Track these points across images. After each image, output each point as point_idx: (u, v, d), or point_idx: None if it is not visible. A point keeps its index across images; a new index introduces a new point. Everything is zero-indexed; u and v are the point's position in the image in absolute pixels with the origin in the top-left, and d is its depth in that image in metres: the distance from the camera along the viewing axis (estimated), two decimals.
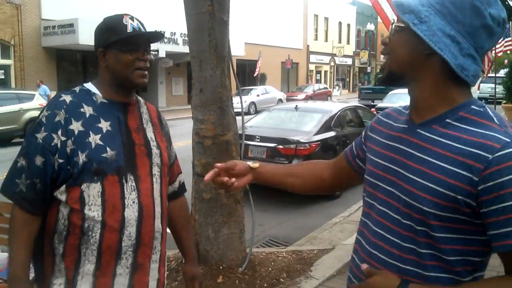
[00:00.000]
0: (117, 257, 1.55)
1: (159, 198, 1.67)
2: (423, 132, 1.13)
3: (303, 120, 7.84)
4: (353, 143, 1.46)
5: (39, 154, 1.50)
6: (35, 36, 20.21)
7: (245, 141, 4.43)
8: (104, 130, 1.57)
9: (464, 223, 1.05)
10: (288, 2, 36.40)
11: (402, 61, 1.13)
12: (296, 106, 8.39)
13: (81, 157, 1.51)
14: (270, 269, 4.02)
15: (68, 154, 1.50)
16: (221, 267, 3.84)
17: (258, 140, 7.18)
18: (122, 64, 1.57)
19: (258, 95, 24.92)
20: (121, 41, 1.56)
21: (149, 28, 1.72)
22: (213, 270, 3.81)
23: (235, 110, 3.99)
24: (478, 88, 26.82)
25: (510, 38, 14.27)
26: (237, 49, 26.26)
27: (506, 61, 20.59)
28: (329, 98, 30.86)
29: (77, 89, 1.64)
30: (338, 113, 7.96)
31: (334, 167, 1.50)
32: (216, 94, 3.75)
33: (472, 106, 1.10)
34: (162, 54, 23.24)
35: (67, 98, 1.58)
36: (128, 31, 1.57)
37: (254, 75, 28.14)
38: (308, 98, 26.93)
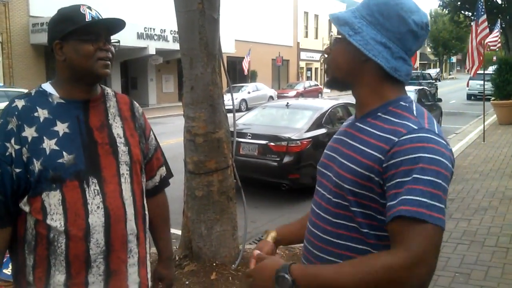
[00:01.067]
0: (87, 266, 1.47)
1: (131, 198, 1.56)
2: (359, 124, 1.29)
3: (294, 117, 7.86)
4: None
5: None
6: (23, 33, 20.02)
7: (236, 138, 4.44)
8: (61, 133, 1.47)
9: (375, 202, 1.17)
10: None
11: (342, 68, 1.28)
12: (287, 103, 8.40)
13: (37, 165, 1.42)
14: None
15: (25, 163, 1.42)
16: (214, 264, 3.86)
17: (250, 137, 7.19)
18: (83, 55, 1.46)
19: (249, 92, 24.91)
20: (80, 30, 1.45)
21: (140, 25, 1.64)
22: (206, 267, 3.83)
23: (226, 107, 4.00)
24: (467, 85, 27.06)
25: (497, 34, 14.37)
26: (228, 46, 26.24)
27: (494, 58, 20.76)
28: (320, 95, 30.92)
29: (33, 91, 1.54)
30: (329, 110, 7.98)
31: None
32: (207, 92, 3.76)
33: (401, 102, 1.24)
34: (152, 51, 23.14)
35: (20, 103, 1.47)
36: (86, 19, 1.46)
37: (245, 73, 28.01)
38: (299, 95, 26.97)
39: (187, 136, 3.87)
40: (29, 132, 1.44)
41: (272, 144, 7.00)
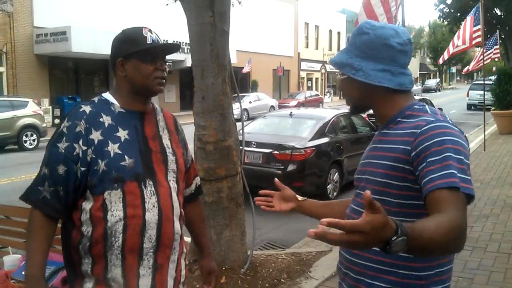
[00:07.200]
0: (139, 259, 1.61)
1: (177, 202, 1.74)
2: (383, 131, 1.52)
3: (297, 126, 7.99)
4: None
5: (61, 163, 1.57)
6: (28, 43, 20.23)
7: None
8: (122, 139, 1.63)
9: (410, 189, 1.36)
10: (279, 10, 36.71)
11: (357, 98, 1.55)
12: (291, 112, 8.54)
13: (101, 166, 1.57)
14: (271, 270, 4.14)
15: (88, 163, 1.57)
16: (223, 268, 3.96)
17: (254, 146, 7.30)
18: (142, 73, 1.65)
19: (250, 102, 25.05)
20: (142, 52, 1.64)
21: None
22: None
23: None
24: (467, 95, 27.23)
25: (497, 46, 14.57)
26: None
27: (494, 69, 20.93)
28: (320, 104, 31.07)
29: (96, 99, 1.72)
30: (332, 119, 8.12)
31: None
32: (217, 102, 3.89)
33: (415, 106, 1.47)
34: None
35: (87, 108, 1.64)
36: (148, 42, 1.66)
37: (243, 70, 28.20)
38: (300, 105, 27.12)
39: (198, 144, 4.00)
40: (96, 135, 1.60)
41: (276, 152, 7.12)
